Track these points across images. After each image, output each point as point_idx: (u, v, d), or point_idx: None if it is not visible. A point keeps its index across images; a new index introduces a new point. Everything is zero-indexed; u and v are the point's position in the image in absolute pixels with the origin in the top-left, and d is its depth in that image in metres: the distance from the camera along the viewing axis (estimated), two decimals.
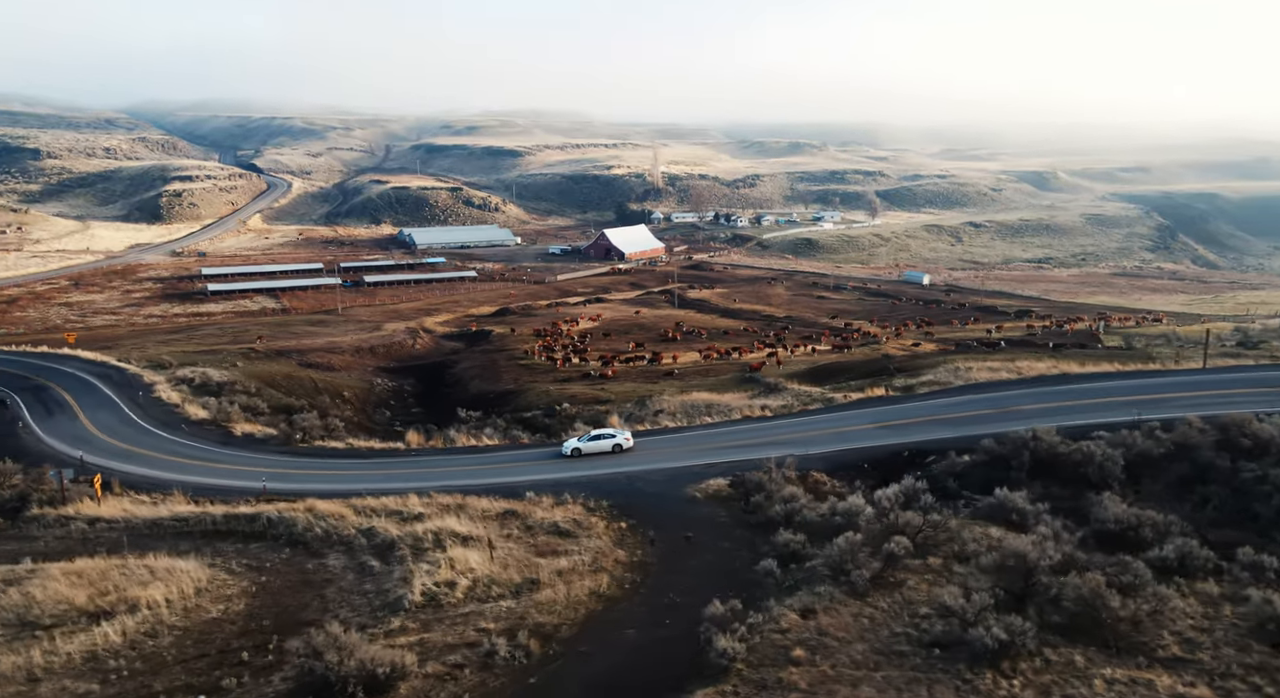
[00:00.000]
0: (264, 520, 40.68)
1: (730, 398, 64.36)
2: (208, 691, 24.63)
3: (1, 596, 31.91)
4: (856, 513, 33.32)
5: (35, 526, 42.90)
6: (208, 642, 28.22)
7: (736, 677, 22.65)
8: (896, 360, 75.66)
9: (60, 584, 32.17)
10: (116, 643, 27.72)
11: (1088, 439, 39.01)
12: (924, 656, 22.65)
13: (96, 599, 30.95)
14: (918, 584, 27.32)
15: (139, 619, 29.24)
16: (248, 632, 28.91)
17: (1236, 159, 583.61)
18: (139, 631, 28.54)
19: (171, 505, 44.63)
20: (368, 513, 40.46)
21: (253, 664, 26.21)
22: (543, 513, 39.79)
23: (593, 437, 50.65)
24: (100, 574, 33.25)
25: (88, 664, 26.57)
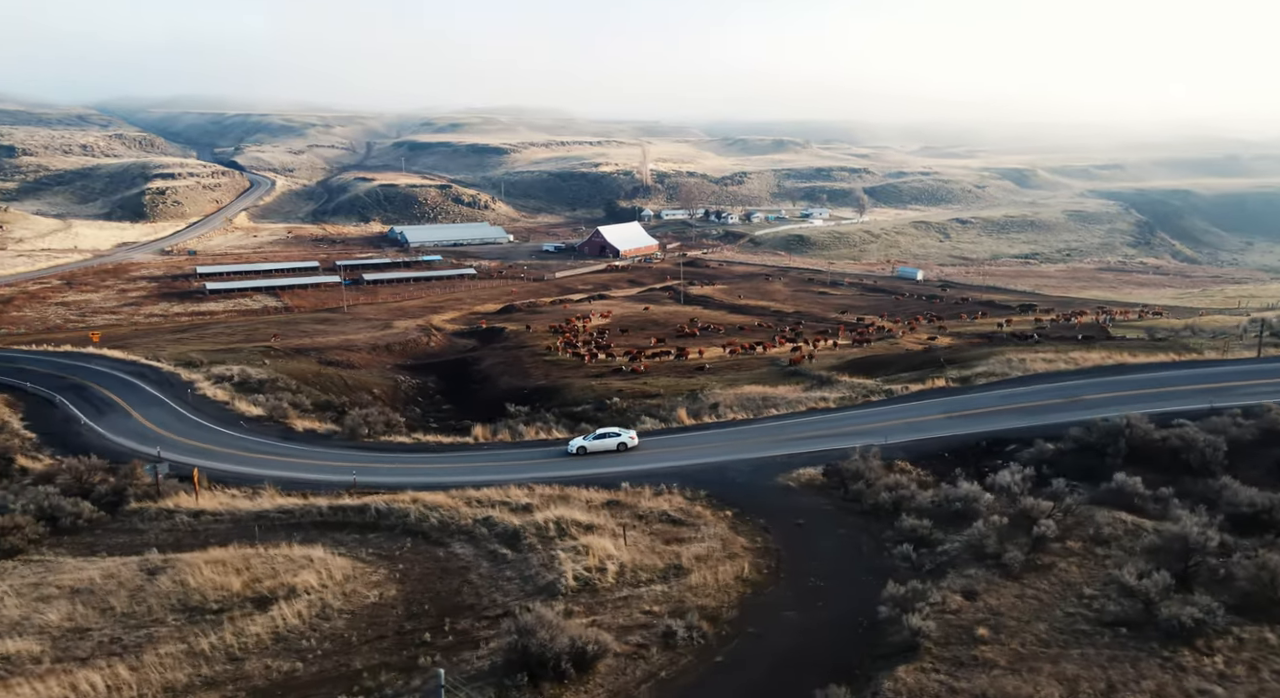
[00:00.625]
0: (373, 512, 41.14)
1: (784, 391, 65.41)
2: (405, 668, 25.28)
3: (153, 583, 32.35)
4: (974, 499, 34.42)
5: (138, 519, 43.12)
6: (380, 624, 28.80)
7: (929, 655, 23.61)
8: (942, 353, 77.14)
9: (209, 572, 32.64)
10: (296, 625, 28.28)
11: (1173, 426, 40.48)
12: (1110, 635, 23.67)
13: (253, 585, 31.48)
14: (1069, 567, 28.42)
15: (306, 603, 29.77)
16: (413, 615, 29.50)
17: (1207, 157, 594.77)
18: (311, 614, 29.08)
19: (269, 498, 44.93)
20: (475, 503, 41.02)
21: (436, 644, 26.86)
22: (647, 503, 40.58)
23: (598, 435, 51.60)
24: (244, 563, 33.70)
25: (278, 645, 27.13)
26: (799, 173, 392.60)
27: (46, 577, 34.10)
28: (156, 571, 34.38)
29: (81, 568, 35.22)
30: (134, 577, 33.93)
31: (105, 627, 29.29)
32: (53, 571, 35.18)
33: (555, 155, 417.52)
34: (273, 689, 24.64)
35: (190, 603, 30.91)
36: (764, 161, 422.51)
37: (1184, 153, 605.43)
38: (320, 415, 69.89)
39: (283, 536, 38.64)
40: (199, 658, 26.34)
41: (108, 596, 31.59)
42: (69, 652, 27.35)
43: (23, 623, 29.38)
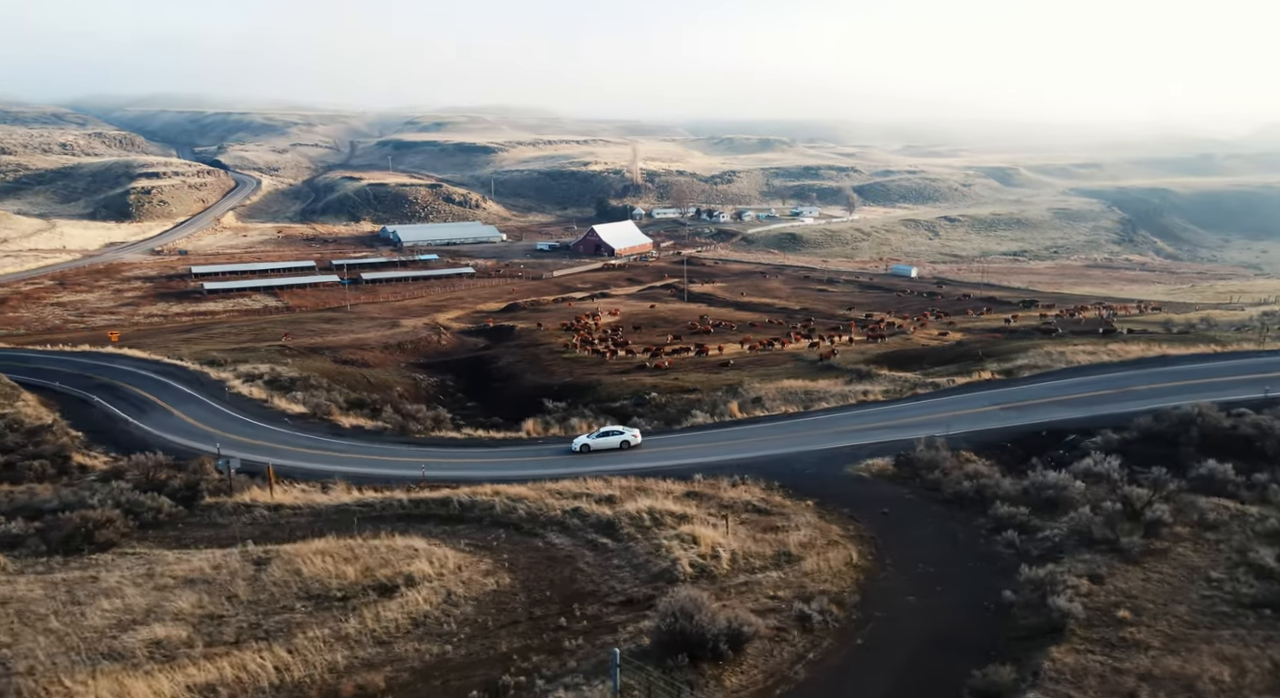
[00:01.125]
0: (455, 504, 41.42)
1: (824, 384, 66.23)
2: (552, 650, 25.71)
3: (265, 573, 32.61)
4: (1064, 486, 35.29)
5: (215, 513, 43.19)
6: (508, 610, 29.17)
7: (1075, 636, 24.28)
8: (977, 347, 78.28)
9: (320, 562, 32.90)
10: (429, 611, 28.63)
11: (1237, 415, 41.64)
12: (1256, 615, 24.43)
13: (370, 574, 31.77)
14: (1185, 551, 29.22)
15: (429, 590, 30.10)
16: (537, 601, 29.87)
17: (1181, 156, 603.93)
18: (438, 600, 29.42)
19: (343, 493, 45.07)
20: (557, 495, 41.37)
21: (573, 629, 27.22)
22: (728, 493, 41.10)
23: (602, 433, 52.27)
24: (349, 553, 33.97)
25: (418, 629, 27.48)
26: (787, 172, 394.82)
27: (154, 568, 34.20)
28: (263, 561, 34.57)
29: (184, 560, 35.30)
30: (243, 567, 34.12)
31: (238, 613, 29.51)
32: (154, 562, 35.24)
33: (543, 154, 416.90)
34: (429, 671, 24.99)
35: (312, 591, 31.14)
36: (751, 160, 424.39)
37: (1160, 152, 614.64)
38: (358, 412, 69.93)
39: (370, 528, 38.77)
40: (348, 642, 26.65)
41: (226, 585, 31.78)
42: (216, 636, 27.60)
43: (157, 610, 29.56)
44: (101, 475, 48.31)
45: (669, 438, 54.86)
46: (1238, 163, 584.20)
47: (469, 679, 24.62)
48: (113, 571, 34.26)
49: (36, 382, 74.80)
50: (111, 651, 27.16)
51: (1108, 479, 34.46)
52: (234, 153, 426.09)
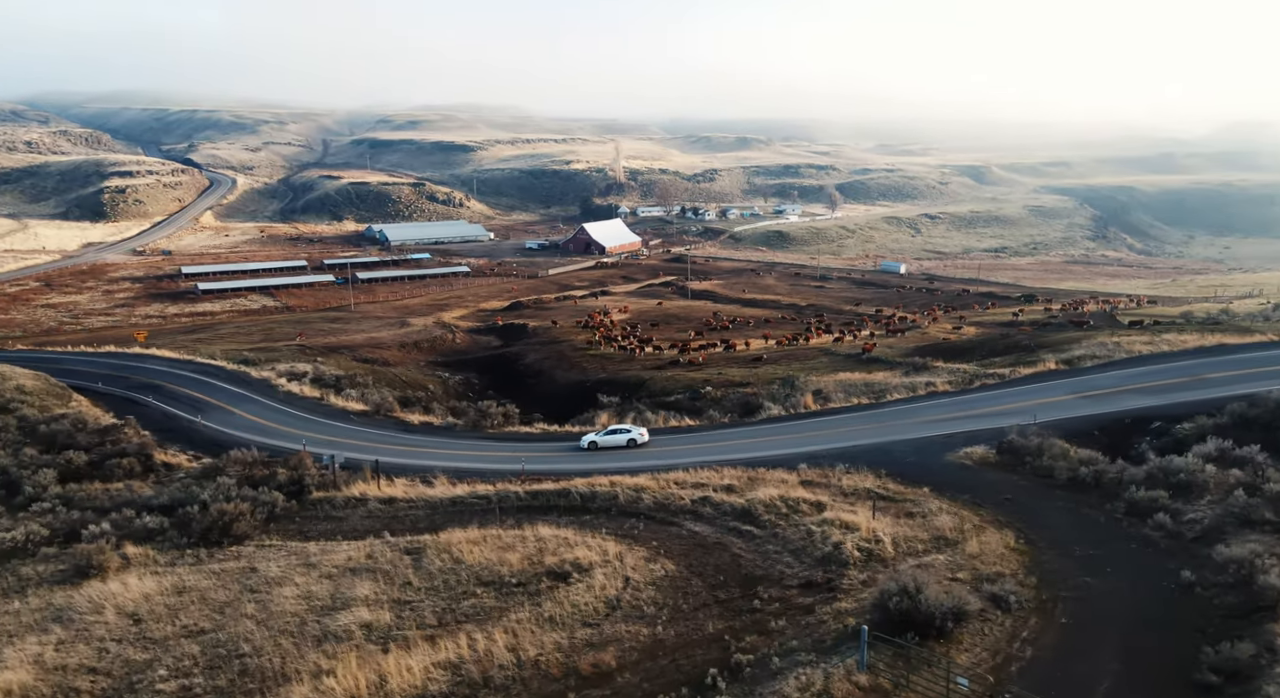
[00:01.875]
0: (576, 495, 41.75)
1: (882, 377, 67.31)
2: (759, 630, 26.24)
3: (424, 561, 32.92)
4: (1194, 470, 36.52)
5: (328, 507, 43.13)
6: (690, 593, 29.64)
7: None
8: (1024, 338, 79.91)
9: (478, 550, 33.28)
10: (615, 595, 29.07)
11: None
12: None
13: (536, 560, 32.13)
14: None
15: (604, 575, 30.51)
16: (715, 585, 30.37)
17: (1144, 155, 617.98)
18: (619, 585, 29.85)
19: (447, 486, 45.10)
20: (678, 485, 41.88)
21: (767, 610, 27.80)
22: (844, 481, 41.87)
23: (609, 431, 53.65)
24: (502, 542, 34.33)
25: (616, 612, 27.91)
26: (767, 170, 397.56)
27: (308, 558, 34.33)
28: (415, 550, 34.75)
29: (331, 550, 35.33)
30: (398, 556, 34.29)
31: (424, 599, 29.75)
32: (301, 553, 35.27)
33: (522, 153, 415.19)
34: (651, 650, 25.41)
35: (484, 578, 31.41)
36: (731, 159, 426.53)
37: (1123, 151, 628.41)
38: (412, 409, 69.70)
39: (496, 519, 38.97)
40: (556, 623, 27.02)
41: (394, 573, 32.02)
42: (419, 620, 27.92)
43: (341, 597, 29.88)
44: (202, 471, 47.82)
45: (749, 430, 55.55)
46: (1197, 161, 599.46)
47: (694, 658, 25.11)
48: (267, 561, 34.23)
49: (76, 383, 73.32)
50: (326, 633, 27.34)
51: (1251, 463, 35.70)
52: (206, 151, 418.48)
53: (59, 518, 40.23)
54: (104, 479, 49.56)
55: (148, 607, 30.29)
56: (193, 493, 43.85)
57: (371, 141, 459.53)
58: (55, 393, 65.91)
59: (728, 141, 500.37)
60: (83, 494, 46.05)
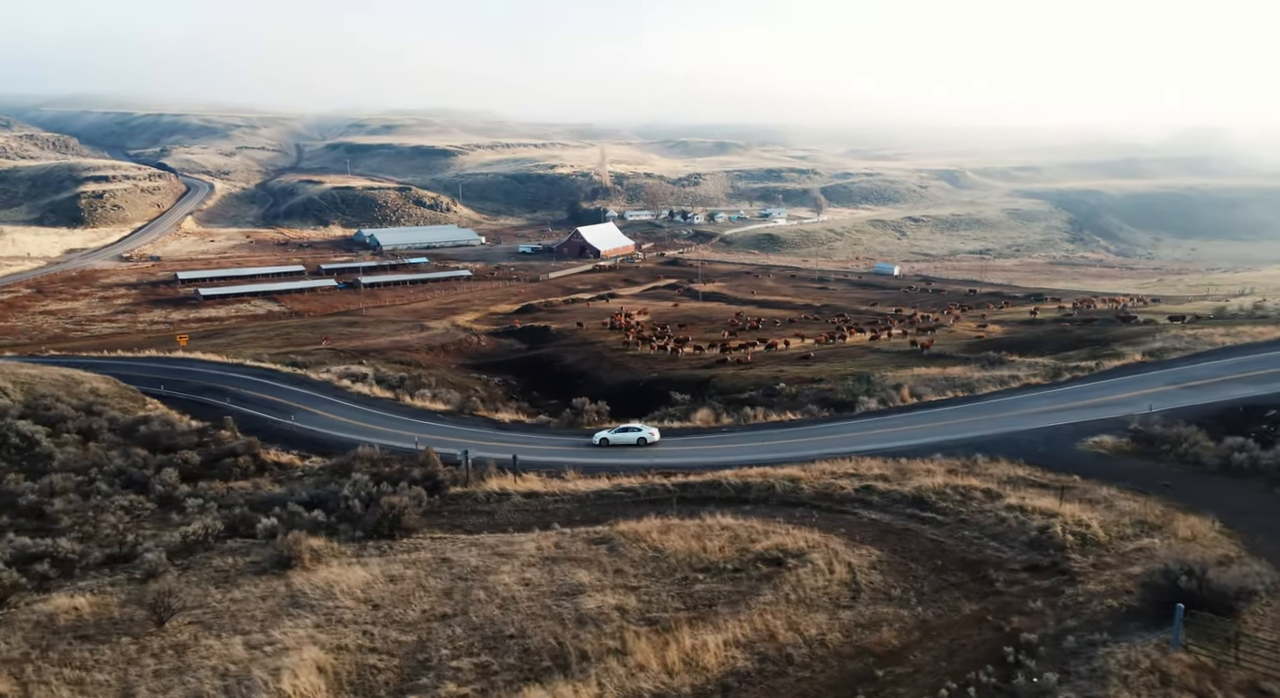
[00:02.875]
0: (728, 487, 42.00)
1: (958, 372, 68.38)
2: (1019, 611, 26.65)
3: (619, 549, 33.12)
4: None
5: (469, 501, 42.92)
6: (919, 577, 29.95)
7: None
8: (1088, 331, 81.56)
9: (675, 539, 33.66)
10: (848, 578, 29.47)
11: None
12: None
13: (743, 550, 32.38)
14: None
15: (823, 561, 30.75)
16: (938, 569, 30.65)
17: (1108, 160, 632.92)
18: (841, 570, 30.09)
19: (581, 480, 45.08)
20: (831, 475, 42.26)
21: (1010, 592, 28.19)
22: (996, 469, 42.52)
23: (621, 430, 54.99)
24: (688, 531, 34.49)
25: (861, 595, 28.24)
26: (750, 174, 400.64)
27: (496, 549, 34.47)
28: (602, 540, 34.85)
29: (514, 542, 35.34)
30: (588, 547, 34.35)
31: (649, 585, 29.92)
32: (480, 545, 35.26)
33: (503, 158, 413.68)
34: (924, 629, 25.67)
35: (696, 564, 31.59)
36: (712, 163, 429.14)
37: (1088, 156, 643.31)
38: (491, 407, 69.36)
39: (644, 509, 39.07)
40: (810, 606, 27.25)
41: (596, 561, 32.25)
42: (662, 604, 28.03)
43: (564, 583, 30.20)
44: (331, 468, 47.19)
45: (854, 423, 56.10)
46: (1159, 166, 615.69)
47: (970, 637, 25.44)
48: (456, 552, 34.28)
49: (145, 389, 71.83)
50: (583, 615, 27.47)
51: None
52: (180, 155, 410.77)
53: (219, 514, 39.47)
54: (222, 478, 48.84)
55: (375, 593, 30.13)
56: (332, 490, 43.45)
57: (348, 146, 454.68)
58: (129, 396, 64.59)
59: (706, 146, 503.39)
60: (213, 492, 45.35)
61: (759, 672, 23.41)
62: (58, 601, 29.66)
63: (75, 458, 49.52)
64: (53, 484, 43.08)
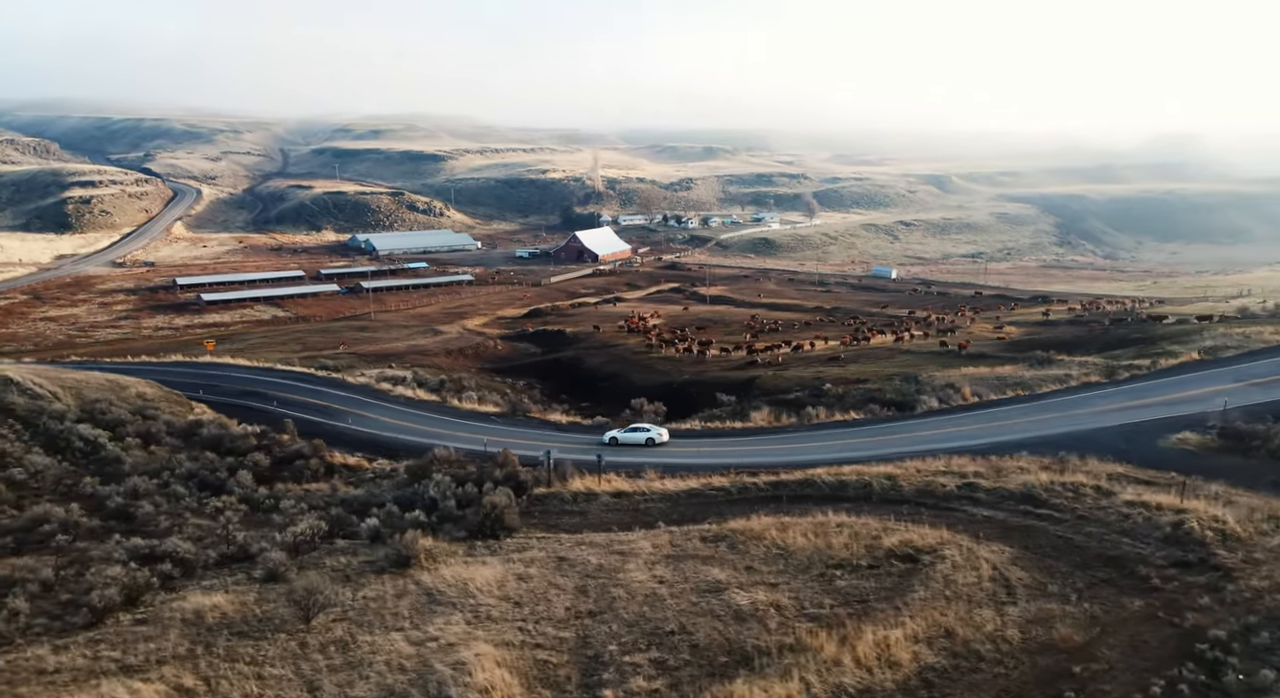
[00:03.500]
0: (822, 485, 41.89)
1: (1009, 371, 68.71)
2: (1190, 607, 26.65)
3: (737, 548, 32.95)
4: None
5: (556, 501, 42.61)
6: (1063, 573, 30.11)
7: None
8: (1125, 330, 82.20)
9: (796, 537, 33.60)
10: (997, 575, 29.39)
11: None
12: None
13: (870, 545, 32.25)
14: None
15: (960, 557, 30.62)
16: (1080, 565, 30.65)
17: (1085, 165, 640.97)
18: (984, 566, 30.05)
19: (663, 480, 44.74)
20: (924, 473, 42.24)
21: (1167, 589, 28.22)
22: (1090, 467, 42.44)
23: (631, 429, 55.84)
24: (807, 528, 34.28)
25: (1018, 590, 28.11)
26: (741, 179, 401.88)
27: (611, 547, 34.28)
28: (718, 538, 34.64)
29: (625, 541, 35.05)
30: (706, 545, 34.09)
31: (787, 581, 29.66)
32: (590, 544, 34.91)
33: (493, 163, 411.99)
34: (1114, 628, 25.57)
35: (829, 561, 31.39)
36: (702, 168, 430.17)
37: (1066, 161, 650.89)
38: (542, 409, 68.83)
39: (759, 508, 38.82)
40: (969, 602, 27.10)
41: (723, 559, 32.10)
42: (813, 600, 27.84)
43: (705, 581, 29.95)
44: (409, 471, 46.43)
45: (921, 422, 56.11)
46: (1134, 172, 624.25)
47: (1151, 634, 25.36)
48: (571, 550, 34.00)
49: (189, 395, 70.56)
50: (739, 612, 27.31)
51: None
52: (165, 160, 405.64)
53: (316, 515, 38.77)
54: (294, 480, 48.25)
55: (510, 591, 29.72)
56: (417, 491, 42.91)
57: (335, 151, 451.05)
58: (175, 400, 63.45)
59: (695, 151, 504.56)
60: (293, 493, 44.70)
61: (953, 668, 23.21)
62: (195, 599, 29.05)
63: (143, 461, 48.53)
64: (135, 487, 42.18)
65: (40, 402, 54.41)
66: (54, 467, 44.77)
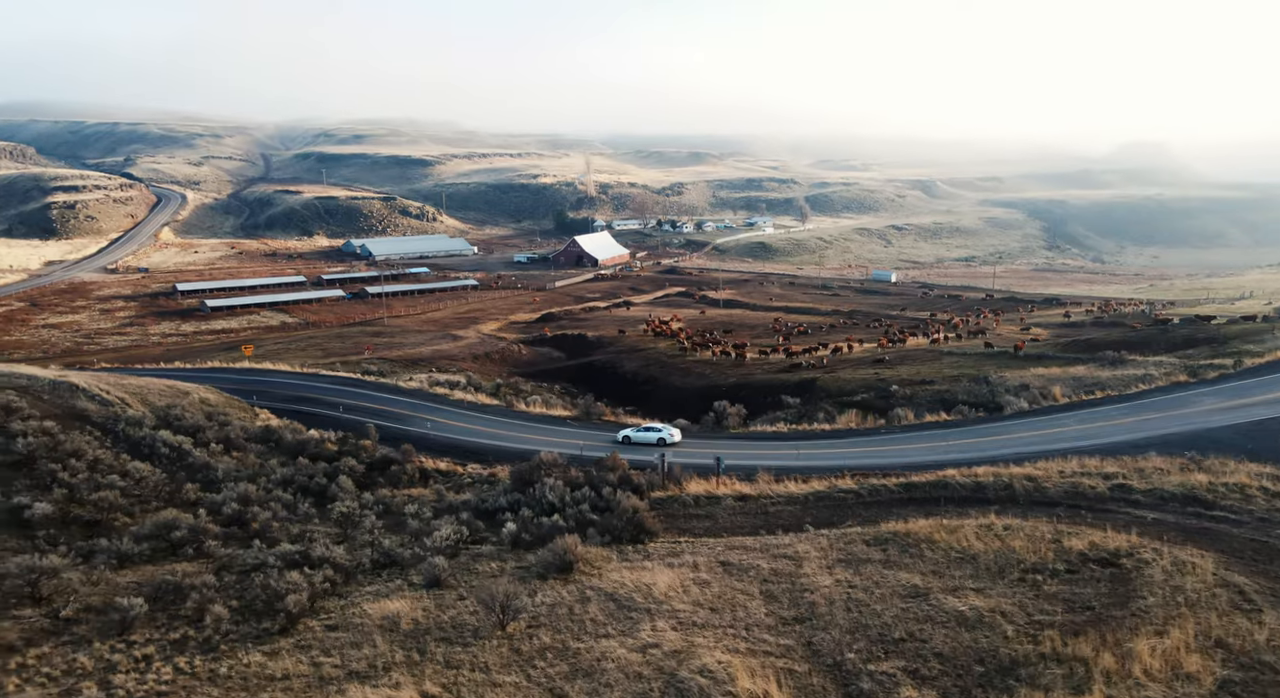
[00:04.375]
0: (957, 487, 40.95)
1: (1082, 371, 68.37)
2: None
3: (917, 551, 32.01)
4: None
5: (676, 505, 41.25)
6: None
7: None
8: (1184, 330, 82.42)
9: (967, 539, 32.57)
10: (1216, 580, 28.43)
11: None
12: None
13: (1056, 549, 31.30)
14: None
15: (1169, 563, 29.71)
16: None
17: (1065, 171, 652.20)
18: (1210, 575, 29.06)
19: (800, 483, 43.69)
20: (1062, 475, 41.36)
21: None
22: (1235, 466, 41.81)
23: (644, 429, 55.90)
24: (975, 534, 33.37)
25: (1243, 598, 27.26)
26: (731, 184, 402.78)
27: (773, 551, 32.93)
28: (885, 541, 33.47)
29: (778, 545, 33.63)
30: (875, 550, 32.90)
31: (993, 587, 28.53)
32: (740, 548, 33.64)
33: (480, 168, 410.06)
34: None
35: (1021, 565, 30.29)
36: (691, 173, 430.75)
37: (1045, 168, 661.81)
38: (613, 413, 67.61)
39: (890, 512, 37.90)
40: (1209, 609, 26.17)
41: (909, 564, 30.87)
42: (1039, 608, 26.81)
43: (898, 589, 28.62)
44: (515, 475, 44.74)
45: (1017, 423, 55.27)
46: (1111, 177, 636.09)
47: None
48: (730, 555, 32.66)
49: None
50: (964, 619, 26.11)
51: None
52: (146, 165, 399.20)
53: (453, 520, 37.33)
54: (392, 485, 46.70)
55: (696, 597, 28.47)
56: (533, 495, 41.52)
57: (319, 156, 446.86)
58: (238, 406, 61.51)
59: (682, 156, 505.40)
60: (398, 499, 43.21)
61: (1252, 680, 22.28)
62: (375, 605, 27.73)
63: (234, 468, 46.69)
64: (246, 494, 40.47)
65: (112, 408, 52.43)
66: (154, 474, 42.87)
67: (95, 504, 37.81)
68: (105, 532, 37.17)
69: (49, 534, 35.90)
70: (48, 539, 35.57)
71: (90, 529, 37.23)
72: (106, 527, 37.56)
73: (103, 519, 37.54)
